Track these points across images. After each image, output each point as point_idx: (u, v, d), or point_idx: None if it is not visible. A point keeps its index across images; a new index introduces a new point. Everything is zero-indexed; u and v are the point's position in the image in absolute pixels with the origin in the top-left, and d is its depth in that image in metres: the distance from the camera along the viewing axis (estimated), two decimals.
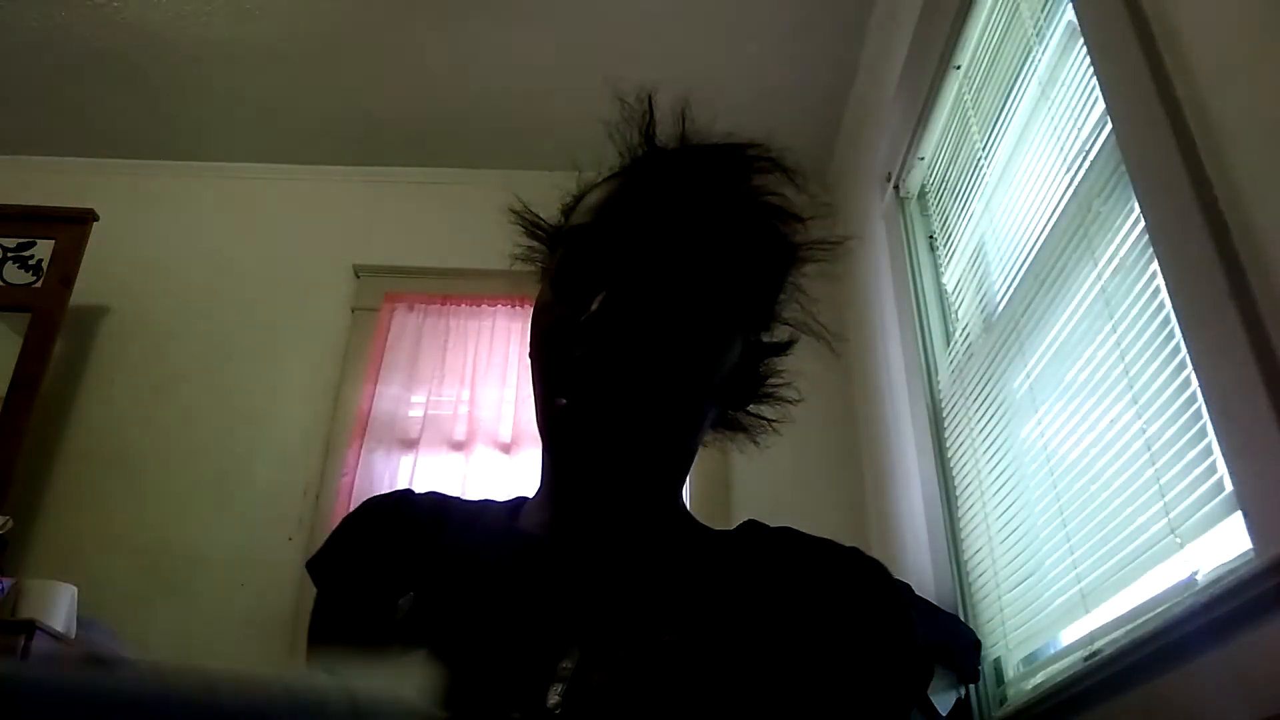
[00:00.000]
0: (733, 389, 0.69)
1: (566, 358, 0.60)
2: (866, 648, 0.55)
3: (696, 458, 0.70)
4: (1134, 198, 1.13)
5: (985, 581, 1.63)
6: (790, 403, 0.73)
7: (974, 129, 1.82)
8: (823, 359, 0.73)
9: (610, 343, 0.59)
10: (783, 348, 0.73)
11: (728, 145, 0.69)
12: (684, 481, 0.70)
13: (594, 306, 0.59)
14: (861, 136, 2.59)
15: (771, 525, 0.65)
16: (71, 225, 2.60)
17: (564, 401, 0.60)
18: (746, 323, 0.69)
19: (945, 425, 1.90)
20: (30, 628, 1.82)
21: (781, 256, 0.71)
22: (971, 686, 1.58)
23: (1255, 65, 0.96)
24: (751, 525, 0.65)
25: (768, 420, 0.73)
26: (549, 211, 0.75)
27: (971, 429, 1.74)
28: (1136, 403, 1.14)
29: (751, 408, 0.72)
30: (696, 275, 0.62)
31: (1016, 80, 1.62)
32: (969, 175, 1.85)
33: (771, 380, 0.73)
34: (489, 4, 2.40)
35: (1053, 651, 1.42)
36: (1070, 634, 1.35)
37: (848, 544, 0.61)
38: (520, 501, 0.70)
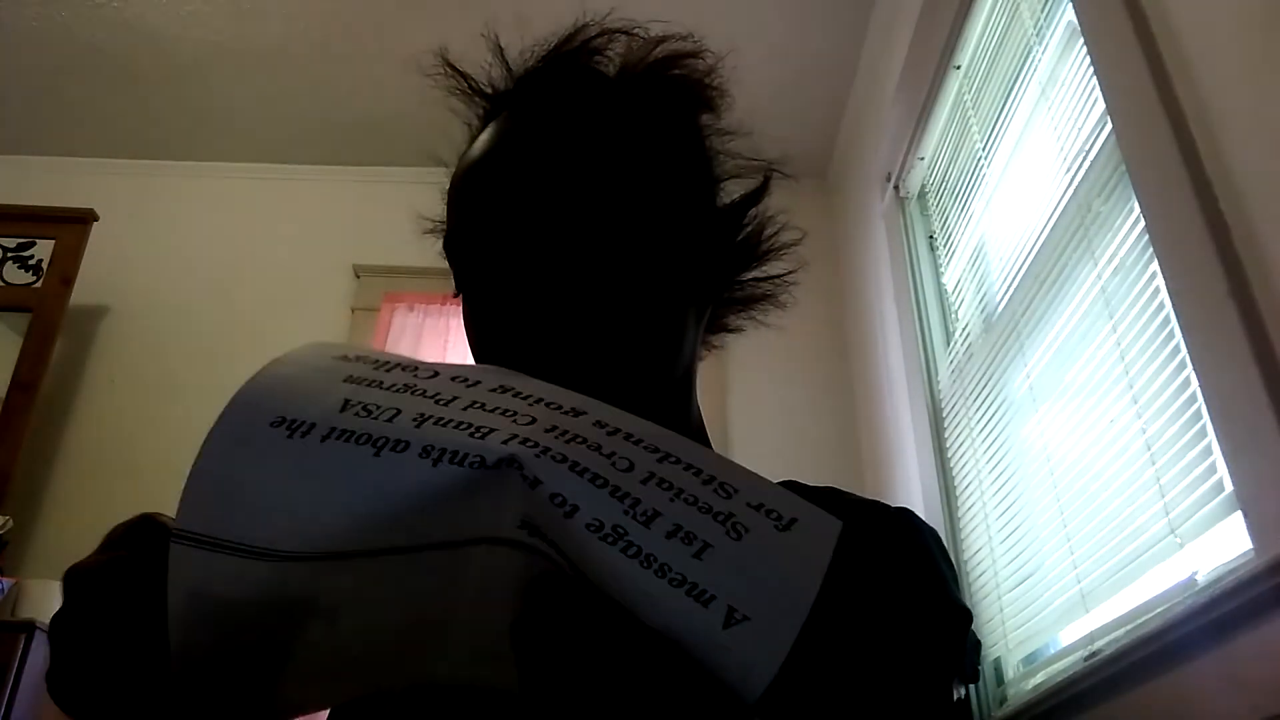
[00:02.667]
0: (705, 264, 0.63)
1: (510, 328, 0.56)
2: (901, 609, 0.52)
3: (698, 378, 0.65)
4: (1134, 198, 1.13)
5: (985, 581, 1.63)
6: (790, 246, 0.68)
7: (974, 129, 1.82)
8: (823, 359, 0.71)
9: (533, 288, 0.55)
10: (748, 200, 0.67)
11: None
12: (689, 395, 0.64)
13: (482, 289, 0.57)
14: (861, 136, 2.59)
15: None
16: (71, 225, 2.60)
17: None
18: (663, 192, 0.61)
19: (945, 425, 1.90)
20: (30, 628, 1.82)
21: (664, 110, 0.65)
22: (971, 686, 1.58)
23: (1255, 65, 0.96)
24: (792, 485, 0.62)
25: (775, 281, 0.68)
26: None
27: (971, 429, 1.74)
28: (1136, 403, 1.14)
29: (749, 285, 0.67)
30: (568, 190, 0.58)
31: (1016, 80, 1.62)
32: (969, 175, 1.85)
33: (760, 240, 0.67)
34: (490, 4, 2.40)
35: (1053, 651, 1.42)
36: (1070, 634, 1.35)
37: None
38: None
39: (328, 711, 0.61)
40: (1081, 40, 1.31)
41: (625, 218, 0.59)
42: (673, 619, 0.34)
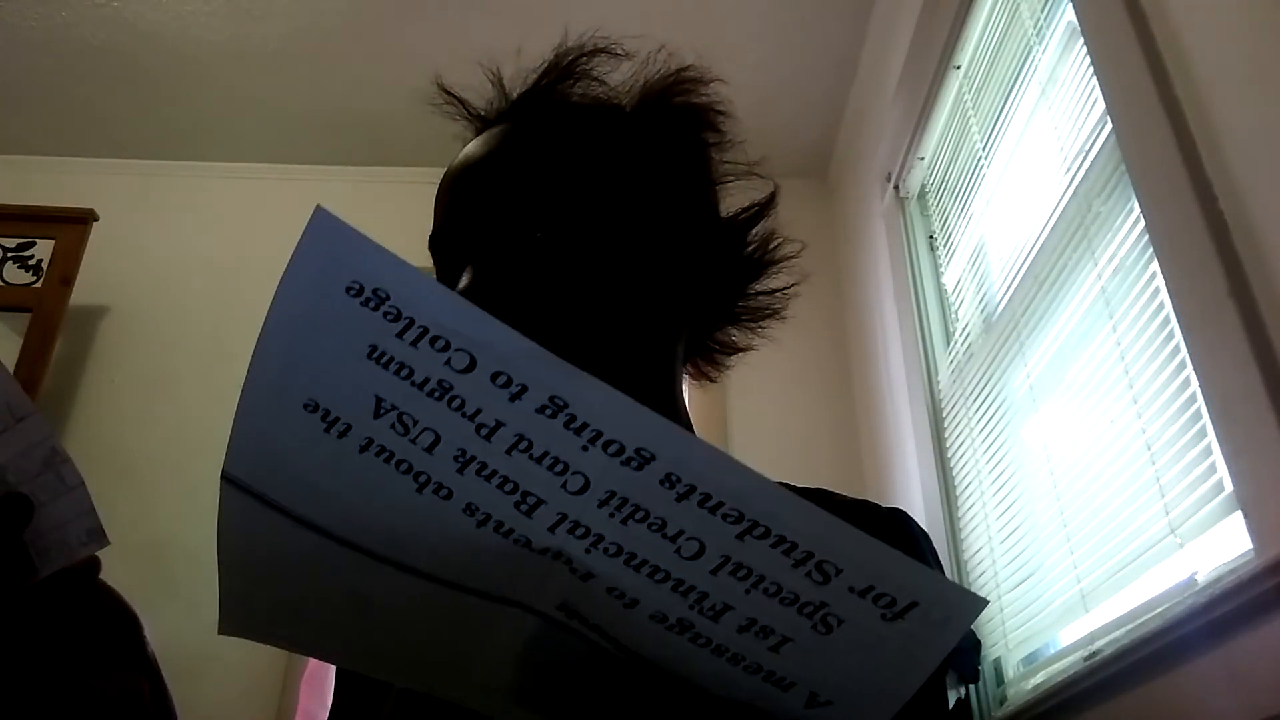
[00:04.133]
0: (695, 270, 0.63)
1: None
2: None
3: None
4: (1134, 198, 1.13)
5: (985, 581, 1.63)
6: (791, 259, 0.68)
7: (974, 129, 1.82)
8: (823, 359, 0.71)
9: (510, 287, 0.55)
10: (750, 215, 0.67)
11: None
12: (676, 401, 0.64)
13: (462, 283, 0.56)
14: (861, 136, 2.59)
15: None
16: (71, 225, 2.60)
17: None
18: (652, 199, 0.62)
19: (945, 425, 1.90)
20: None
21: (654, 128, 0.65)
22: (971, 686, 1.58)
23: (1255, 65, 0.96)
24: (783, 486, 0.62)
25: (776, 295, 0.68)
26: None
27: (971, 429, 1.74)
28: (1136, 403, 1.14)
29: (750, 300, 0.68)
30: (549, 191, 0.58)
31: (1016, 80, 1.62)
32: (969, 175, 1.85)
33: (761, 253, 0.67)
34: (490, 3, 2.40)
35: (1053, 651, 1.42)
36: (1070, 634, 1.35)
37: None
38: None
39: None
40: (1081, 40, 1.31)
41: (608, 222, 0.59)
42: (749, 694, 0.32)
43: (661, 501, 0.32)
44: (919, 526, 0.58)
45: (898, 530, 0.57)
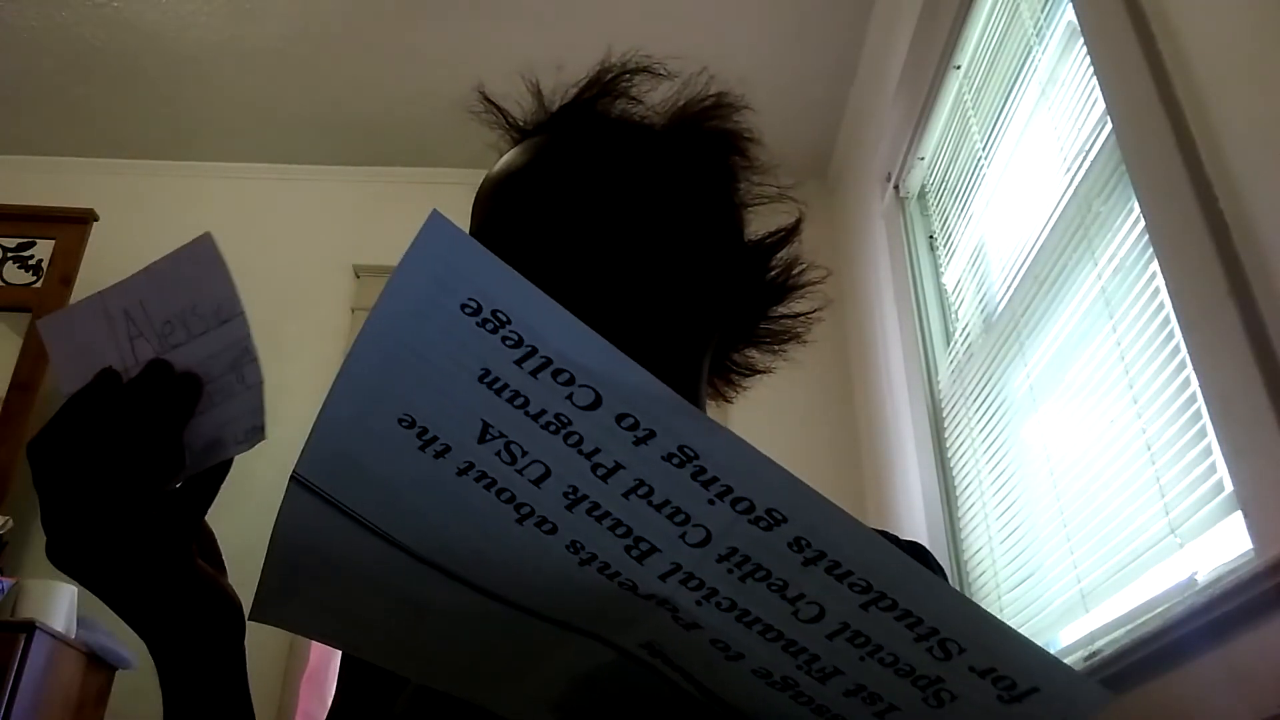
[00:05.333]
0: (725, 293, 0.64)
1: None
2: None
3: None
4: (1134, 198, 1.13)
5: (985, 581, 1.63)
6: (815, 284, 0.70)
7: (974, 129, 1.82)
8: (823, 360, 0.71)
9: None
10: (775, 240, 0.68)
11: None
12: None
13: None
14: (861, 136, 2.59)
15: None
16: (71, 225, 2.60)
17: None
18: (681, 220, 0.63)
19: (945, 425, 1.90)
20: (30, 628, 1.82)
21: (684, 159, 0.66)
22: None
23: (1255, 65, 0.96)
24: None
25: (799, 319, 0.69)
26: None
27: (971, 429, 1.74)
28: (1136, 403, 1.14)
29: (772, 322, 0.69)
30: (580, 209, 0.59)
31: (1016, 80, 1.62)
32: (969, 175, 1.85)
33: (786, 278, 0.68)
34: (490, 3, 2.40)
35: (1053, 651, 1.42)
36: (1070, 634, 1.35)
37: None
38: None
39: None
40: (1081, 40, 1.31)
41: (644, 240, 0.60)
42: None
43: (786, 564, 0.31)
44: (935, 560, 0.59)
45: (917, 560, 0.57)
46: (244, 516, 0.94)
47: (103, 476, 0.44)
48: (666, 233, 0.61)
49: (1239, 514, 0.93)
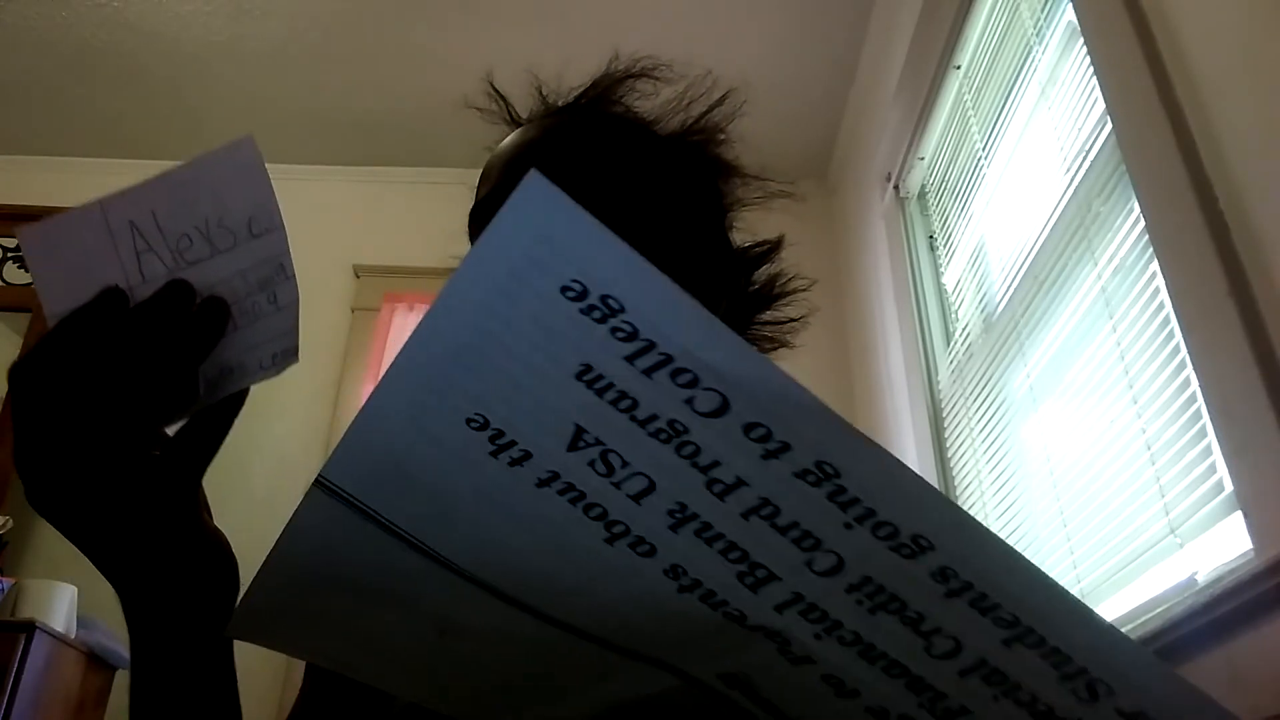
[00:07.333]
0: (717, 281, 0.65)
1: None
2: None
3: None
4: (1134, 198, 1.13)
5: None
6: (802, 291, 0.70)
7: (974, 129, 1.82)
8: (823, 359, 0.71)
9: None
10: (764, 248, 0.69)
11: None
12: None
13: None
14: (861, 136, 2.59)
15: None
16: None
17: None
18: (678, 218, 0.63)
19: (945, 425, 1.90)
20: (30, 628, 1.82)
21: (676, 153, 0.67)
22: None
23: (1255, 65, 0.96)
24: None
25: (785, 326, 0.70)
26: None
27: (971, 428, 1.74)
28: (1136, 403, 1.14)
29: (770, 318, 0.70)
30: (597, 177, 0.59)
31: (1016, 80, 1.62)
32: (969, 175, 1.85)
33: (772, 285, 0.69)
34: (490, 3, 2.40)
35: None
36: None
37: None
38: None
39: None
40: (1081, 40, 1.31)
41: (641, 228, 0.60)
42: None
43: (927, 595, 0.27)
44: None
45: None
46: (241, 515, 0.94)
47: (100, 413, 0.38)
48: (662, 225, 0.61)
49: (1239, 514, 0.93)
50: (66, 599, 1.97)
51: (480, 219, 0.64)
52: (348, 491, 0.28)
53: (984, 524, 0.27)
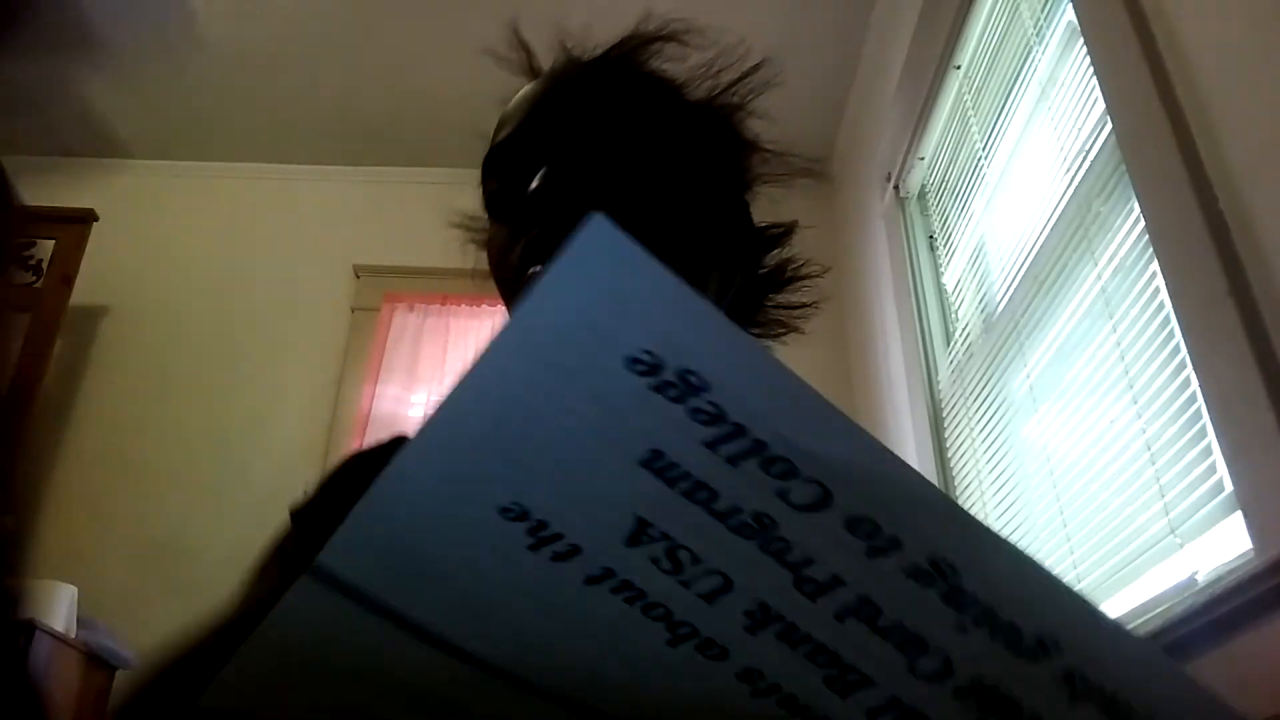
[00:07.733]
0: (733, 251, 0.64)
1: (526, 252, 0.54)
2: None
3: None
4: (1134, 198, 1.13)
5: None
6: (815, 277, 0.70)
7: (974, 129, 1.82)
8: (823, 359, 0.71)
9: (563, 206, 0.53)
10: (780, 229, 0.68)
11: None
12: None
13: (534, 184, 0.53)
14: (861, 136, 2.59)
15: None
16: (71, 225, 2.60)
17: (538, 269, 0.52)
18: (705, 180, 0.62)
19: (945, 425, 1.89)
20: (30, 628, 1.82)
21: (708, 122, 0.66)
22: None
23: (1255, 65, 0.96)
24: None
25: (797, 311, 0.70)
26: None
27: (971, 429, 1.74)
28: (1136, 403, 1.14)
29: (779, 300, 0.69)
30: (629, 137, 0.58)
31: (1016, 80, 1.62)
32: (969, 175, 1.85)
33: (786, 267, 0.69)
34: (490, 3, 2.40)
35: None
36: None
37: None
38: None
39: None
40: (1081, 40, 1.31)
41: (663, 187, 0.58)
42: None
43: (1048, 698, 0.24)
44: None
45: None
46: (241, 515, 0.93)
47: None
48: (685, 191, 0.60)
49: (1239, 514, 0.93)
50: (66, 599, 1.97)
51: (495, 166, 0.60)
52: (348, 580, 0.24)
53: (1109, 617, 0.25)
